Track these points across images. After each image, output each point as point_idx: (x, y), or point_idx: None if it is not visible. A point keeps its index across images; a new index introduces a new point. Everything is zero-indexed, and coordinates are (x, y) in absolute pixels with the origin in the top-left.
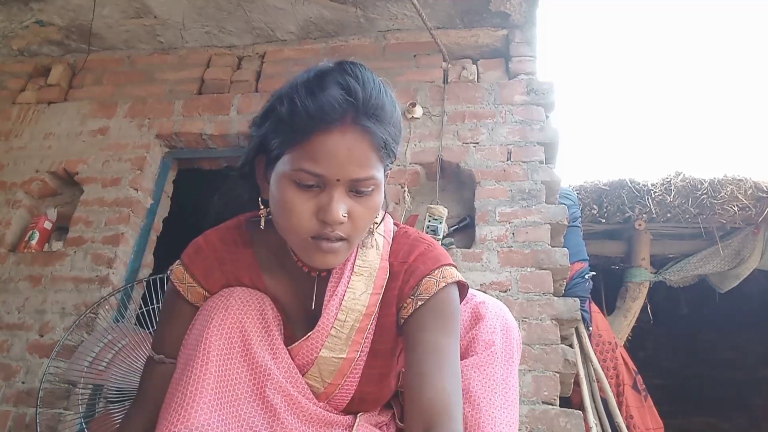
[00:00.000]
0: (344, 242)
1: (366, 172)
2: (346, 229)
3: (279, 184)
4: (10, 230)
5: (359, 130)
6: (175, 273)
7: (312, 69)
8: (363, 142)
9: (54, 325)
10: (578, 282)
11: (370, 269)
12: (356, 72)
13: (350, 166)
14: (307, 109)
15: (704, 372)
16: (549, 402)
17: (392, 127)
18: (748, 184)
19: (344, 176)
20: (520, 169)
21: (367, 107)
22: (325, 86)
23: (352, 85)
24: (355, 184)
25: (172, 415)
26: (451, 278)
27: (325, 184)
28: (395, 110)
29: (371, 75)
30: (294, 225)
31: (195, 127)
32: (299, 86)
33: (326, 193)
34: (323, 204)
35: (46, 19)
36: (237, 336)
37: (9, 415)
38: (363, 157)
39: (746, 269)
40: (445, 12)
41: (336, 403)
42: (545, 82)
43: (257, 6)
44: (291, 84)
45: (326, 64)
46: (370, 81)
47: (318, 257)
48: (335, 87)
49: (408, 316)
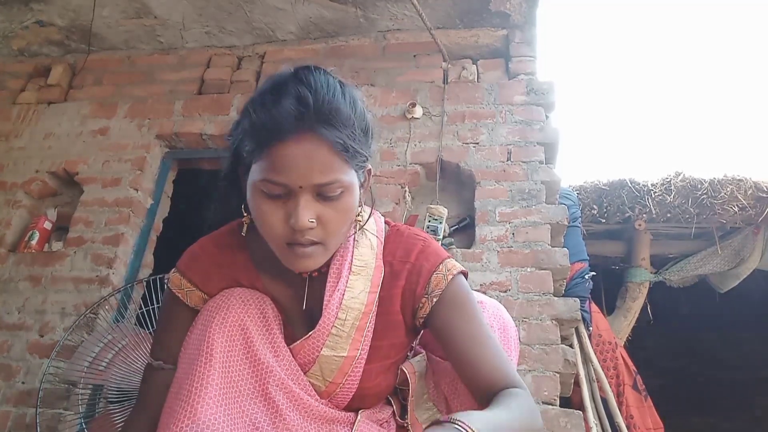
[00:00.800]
0: (319, 246)
1: (328, 176)
2: (317, 233)
3: (251, 194)
4: (10, 230)
5: (314, 137)
6: (172, 281)
7: (270, 79)
8: (321, 148)
9: (54, 326)
10: (578, 282)
11: (367, 268)
12: (309, 79)
13: (311, 173)
14: (262, 121)
15: (704, 372)
16: (549, 402)
17: (351, 128)
18: (748, 184)
19: (306, 183)
20: (520, 169)
21: (320, 114)
22: (279, 97)
23: (303, 93)
24: (320, 189)
25: (179, 412)
26: (455, 269)
27: (290, 192)
28: (355, 110)
29: (326, 79)
30: (268, 232)
31: (195, 128)
32: (257, 98)
33: (293, 200)
34: (290, 211)
35: (47, 20)
36: (238, 334)
37: (9, 415)
38: (323, 162)
39: (746, 269)
40: (445, 12)
41: (337, 400)
42: (545, 82)
43: (257, 6)
44: (253, 95)
45: (283, 72)
46: (323, 86)
47: (294, 262)
48: (288, 97)
49: (427, 314)
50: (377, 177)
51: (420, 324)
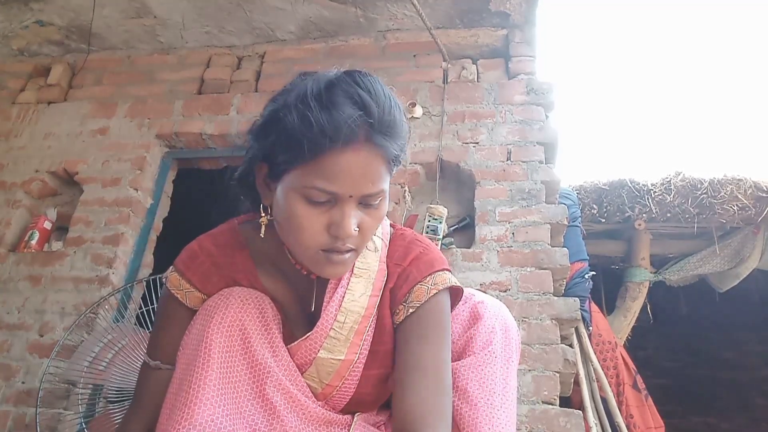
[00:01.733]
0: (353, 252)
1: (377, 187)
2: (355, 240)
3: (288, 199)
4: (10, 230)
5: (373, 147)
6: (170, 280)
7: (320, 79)
8: (376, 159)
9: (54, 325)
10: (578, 282)
11: (369, 271)
12: (368, 85)
13: (363, 183)
14: (321, 126)
15: (704, 372)
16: (549, 402)
17: (402, 139)
18: (748, 184)
19: (357, 192)
20: (519, 169)
21: (382, 124)
22: (338, 102)
23: (366, 100)
24: (366, 198)
25: (177, 413)
26: (443, 284)
27: (337, 200)
28: (405, 121)
29: (382, 87)
30: (305, 239)
31: (195, 127)
32: (309, 99)
33: (338, 208)
34: (336, 219)
35: (46, 19)
36: (237, 334)
37: (9, 415)
38: (375, 173)
39: (746, 269)
40: (445, 12)
41: (334, 403)
42: (545, 82)
43: (257, 6)
44: (299, 95)
45: (334, 73)
46: (382, 95)
47: (328, 268)
48: (348, 103)
49: (399, 322)
50: None
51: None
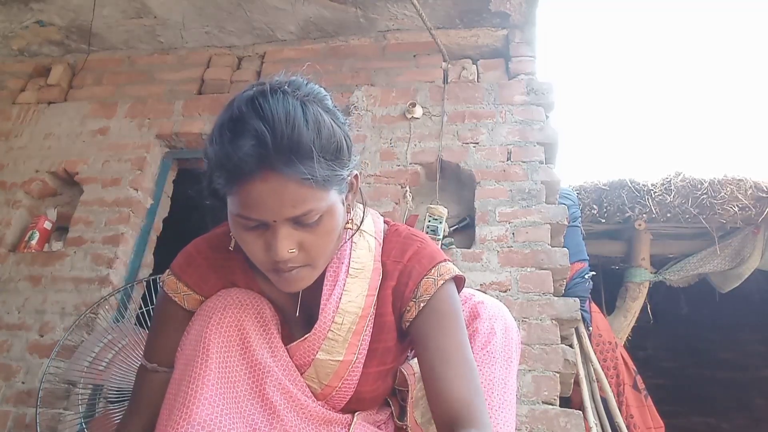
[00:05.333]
0: (305, 267)
1: (300, 209)
2: (301, 258)
3: (231, 223)
4: (10, 230)
5: (277, 175)
6: (167, 284)
7: (232, 106)
8: (287, 185)
9: (54, 326)
10: (578, 282)
11: (365, 271)
12: (266, 110)
13: (282, 208)
14: (223, 161)
15: (704, 372)
16: (549, 402)
17: (317, 157)
18: (748, 184)
19: (279, 217)
20: (520, 169)
21: (280, 152)
22: (237, 135)
23: (260, 130)
24: (297, 219)
25: (176, 413)
26: (447, 274)
27: (266, 225)
28: (320, 135)
29: (285, 108)
30: (254, 259)
31: (195, 128)
32: (223, 130)
33: (270, 232)
34: (269, 243)
35: (46, 20)
36: (236, 335)
37: (9, 415)
38: (292, 197)
39: (747, 269)
40: (445, 12)
41: (334, 403)
42: (545, 82)
43: (257, 6)
44: (220, 122)
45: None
46: (280, 119)
47: (284, 284)
48: (245, 136)
49: (413, 319)
50: (377, 177)
51: (405, 328)
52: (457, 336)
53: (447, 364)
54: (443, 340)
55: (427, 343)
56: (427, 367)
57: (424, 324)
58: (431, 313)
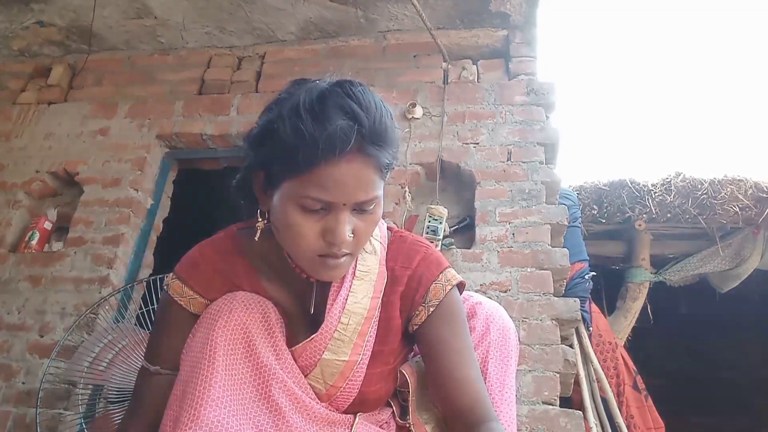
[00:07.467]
0: (349, 256)
1: (371, 194)
2: (350, 245)
3: (284, 207)
4: (11, 230)
5: (365, 157)
6: (172, 287)
7: (312, 90)
8: (369, 168)
9: (54, 326)
10: (578, 282)
11: (371, 273)
12: (359, 95)
13: (357, 192)
14: (314, 139)
15: (704, 372)
16: (549, 402)
17: (394, 146)
18: (748, 184)
19: (350, 200)
20: (520, 169)
21: (373, 134)
22: (330, 113)
23: (357, 111)
24: (360, 205)
25: (184, 415)
26: (454, 280)
27: (331, 208)
28: (395, 128)
29: (372, 96)
30: (301, 245)
31: (195, 128)
32: (301, 111)
33: (332, 216)
34: (330, 227)
35: (47, 20)
36: (241, 337)
37: (9, 415)
38: (368, 181)
39: (746, 270)
40: (445, 12)
41: (338, 404)
42: (545, 82)
43: (257, 6)
44: (292, 106)
45: (326, 84)
46: (372, 104)
47: (324, 272)
48: (340, 114)
49: (422, 322)
50: None
51: (412, 331)
52: (465, 338)
53: (459, 365)
54: (454, 342)
55: (438, 345)
56: (439, 367)
57: (435, 327)
58: (441, 316)
